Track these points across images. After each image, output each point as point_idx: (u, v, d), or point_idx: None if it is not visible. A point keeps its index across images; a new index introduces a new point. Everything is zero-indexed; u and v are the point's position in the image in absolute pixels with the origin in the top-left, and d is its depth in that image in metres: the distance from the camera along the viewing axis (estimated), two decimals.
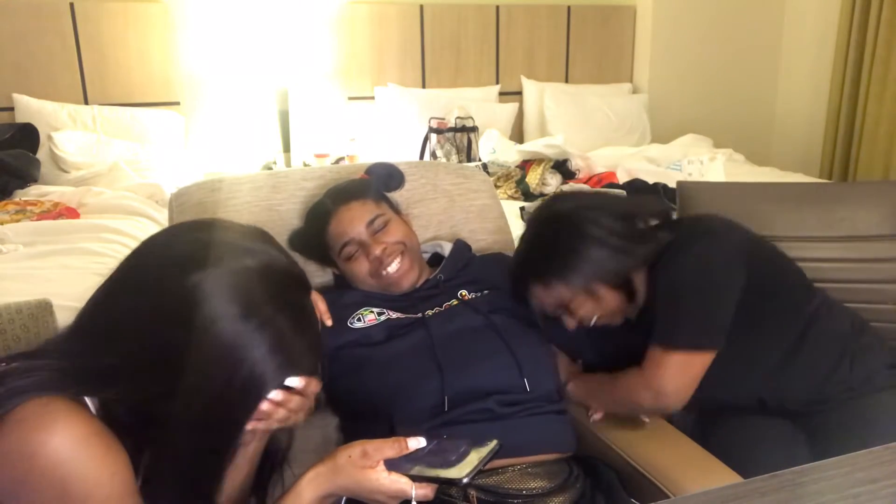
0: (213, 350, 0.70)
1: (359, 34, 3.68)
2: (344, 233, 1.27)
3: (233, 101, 3.46)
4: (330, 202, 1.31)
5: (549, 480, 1.13)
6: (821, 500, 0.76)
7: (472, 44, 3.92)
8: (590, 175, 3.11)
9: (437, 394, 1.13)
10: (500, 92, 3.99)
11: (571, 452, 1.22)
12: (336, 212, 1.29)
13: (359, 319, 1.24)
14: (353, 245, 1.27)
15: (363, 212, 1.28)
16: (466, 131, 3.47)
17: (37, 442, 0.66)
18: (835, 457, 0.82)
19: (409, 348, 1.18)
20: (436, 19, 3.81)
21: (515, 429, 1.15)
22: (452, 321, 1.23)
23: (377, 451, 0.82)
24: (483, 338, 1.21)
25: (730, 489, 0.79)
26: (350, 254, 1.27)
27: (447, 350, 1.17)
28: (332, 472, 0.82)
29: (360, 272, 1.27)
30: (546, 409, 1.19)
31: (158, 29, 3.31)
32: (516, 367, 1.17)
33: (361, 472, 0.81)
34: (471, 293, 1.31)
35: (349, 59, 3.69)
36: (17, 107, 3.10)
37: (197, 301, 0.70)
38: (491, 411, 1.14)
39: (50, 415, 0.68)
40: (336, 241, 1.28)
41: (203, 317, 0.70)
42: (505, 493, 1.10)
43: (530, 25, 4.01)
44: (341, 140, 3.55)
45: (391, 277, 1.26)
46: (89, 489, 0.68)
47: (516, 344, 1.20)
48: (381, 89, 3.71)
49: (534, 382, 1.18)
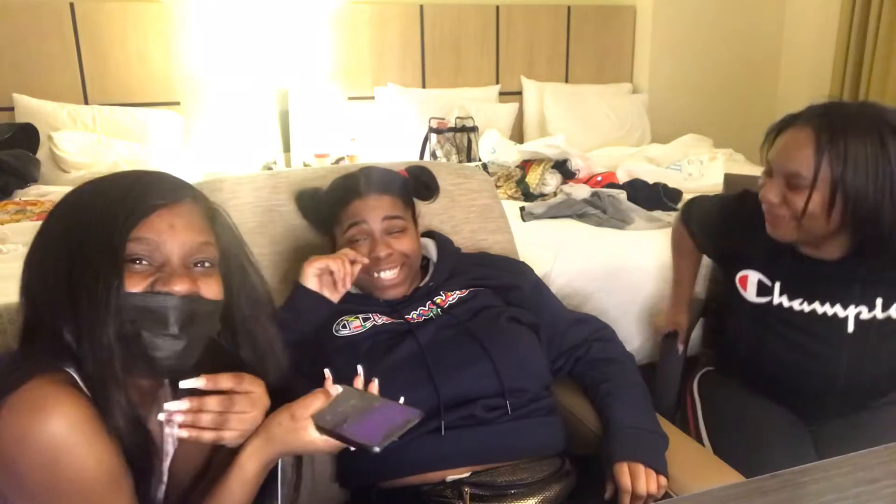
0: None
1: (359, 34, 3.68)
2: (361, 216, 1.24)
3: (233, 101, 3.46)
4: (363, 181, 1.28)
5: (541, 472, 1.14)
6: (821, 499, 0.76)
7: (472, 44, 3.92)
8: (590, 175, 3.11)
9: (431, 399, 1.13)
10: (500, 92, 3.99)
11: (561, 450, 1.22)
12: (365, 193, 1.26)
13: (344, 326, 1.23)
14: (363, 232, 1.25)
15: (389, 207, 1.26)
16: (466, 131, 3.47)
17: (28, 425, 0.68)
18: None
19: (399, 360, 1.17)
20: (436, 19, 3.81)
21: (502, 433, 1.15)
22: (438, 331, 1.22)
23: (304, 408, 0.84)
24: (464, 345, 1.20)
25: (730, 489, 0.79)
26: (354, 237, 1.25)
27: (435, 359, 1.17)
28: (267, 441, 0.84)
29: (355, 253, 1.24)
30: (531, 409, 1.19)
31: (158, 29, 3.31)
32: (495, 374, 1.17)
33: (294, 435, 0.83)
34: (451, 292, 1.30)
35: (349, 59, 3.69)
36: (17, 107, 3.10)
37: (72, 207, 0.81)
38: (475, 417, 1.14)
39: (42, 399, 0.69)
40: (348, 219, 1.25)
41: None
42: (498, 485, 1.11)
43: (530, 25, 4.01)
44: (341, 140, 3.55)
45: (380, 282, 1.25)
46: (78, 472, 0.70)
47: (495, 350, 1.19)
48: (381, 89, 3.71)
49: (514, 386, 1.18)
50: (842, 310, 1.24)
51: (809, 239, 1.25)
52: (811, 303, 1.27)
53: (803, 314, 1.28)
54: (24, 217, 2.39)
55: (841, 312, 1.25)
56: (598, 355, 1.33)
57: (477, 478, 1.12)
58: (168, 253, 0.79)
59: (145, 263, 0.78)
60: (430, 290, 1.30)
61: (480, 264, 1.40)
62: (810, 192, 1.17)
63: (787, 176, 1.20)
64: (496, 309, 1.28)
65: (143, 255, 0.78)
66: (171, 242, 0.79)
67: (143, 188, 0.81)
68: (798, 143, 1.19)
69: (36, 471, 0.68)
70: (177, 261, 0.80)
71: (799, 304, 1.28)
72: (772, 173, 1.25)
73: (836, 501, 0.75)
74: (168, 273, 0.78)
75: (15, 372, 0.71)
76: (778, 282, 1.31)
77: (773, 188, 1.22)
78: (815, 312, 1.26)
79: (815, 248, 1.27)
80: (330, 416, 0.83)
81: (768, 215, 1.26)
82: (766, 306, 1.32)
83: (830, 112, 1.20)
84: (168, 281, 0.78)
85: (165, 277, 0.78)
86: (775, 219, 1.25)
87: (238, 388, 0.83)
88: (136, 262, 0.78)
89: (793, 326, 1.30)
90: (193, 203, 0.84)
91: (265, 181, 1.45)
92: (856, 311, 1.24)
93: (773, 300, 1.31)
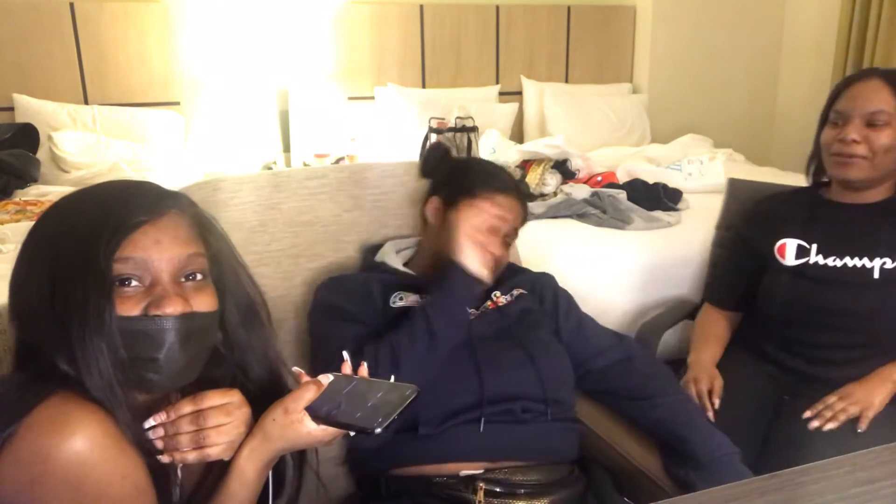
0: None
1: (359, 34, 3.68)
2: (503, 214, 1.27)
3: (233, 101, 3.46)
4: (514, 183, 1.35)
5: (554, 475, 1.15)
6: (821, 499, 0.76)
7: (472, 44, 3.92)
8: (590, 175, 3.11)
9: (474, 394, 1.15)
10: (500, 92, 3.99)
11: (574, 457, 1.23)
12: (511, 197, 1.30)
13: (401, 299, 1.25)
14: (494, 226, 1.26)
15: (518, 216, 1.32)
16: (466, 131, 3.47)
17: (51, 444, 0.67)
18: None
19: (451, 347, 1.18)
20: (436, 19, 3.81)
21: (534, 434, 1.17)
22: (490, 326, 1.25)
23: (296, 401, 0.82)
24: (512, 347, 1.22)
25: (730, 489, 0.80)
26: (484, 226, 1.25)
27: (485, 353, 1.19)
28: (264, 440, 0.82)
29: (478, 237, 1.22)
30: (560, 417, 1.21)
31: (158, 29, 3.31)
32: (538, 380, 1.19)
33: (290, 429, 0.81)
34: (503, 295, 1.32)
35: (349, 59, 3.69)
36: (17, 107, 3.10)
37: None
38: (513, 413, 1.16)
39: (64, 416, 0.68)
40: (491, 206, 1.27)
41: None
42: (512, 483, 1.12)
43: (530, 25, 4.01)
44: (341, 140, 3.55)
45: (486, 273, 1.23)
46: (105, 489, 0.69)
47: (540, 358, 1.21)
48: (381, 89, 3.71)
49: (555, 397, 1.20)
50: (868, 261, 1.40)
51: (874, 177, 1.41)
52: (842, 258, 1.43)
53: (836, 269, 1.43)
54: (24, 217, 2.39)
55: (868, 263, 1.40)
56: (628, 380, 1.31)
57: (491, 475, 1.12)
58: (157, 270, 0.77)
59: (135, 284, 0.76)
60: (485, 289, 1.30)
61: (516, 269, 1.43)
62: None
63: (869, 115, 1.38)
64: (537, 315, 1.31)
65: (131, 274, 0.76)
66: (158, 259, 0.77)
67: (125, 203, 0.78)
68: (874, 88, 1.39)
69: (61, 489, 0.67)
70: (167, 278, 0.77)
71: (832, 260, 1.44)
72: (846, 120, 1.41)
73: (836, 501, 0.75)
74: (159, 295, 0.76)
75: (30, 390, 0.70)
76: (815, 244, 1.46)
77: (853, 129, 1.39)
78: (846, 266, 1.42)
79: (863, 191, 1.45)
80: (324, 405, 0.82)
81: (840, 157, 1.41)
82: (803, 267, 1.46)
83: (887, 70, 1.44)
84: (160, 303, 0.75)
85: (157, 300, 0.76)
86: (850, 158, 1.40)
87: (203, 406, 0.80)
88: (125, 284, 0.75)
89: (825, 281, 1.43)
90: (179, 214, 0.82)
91: (266, 181, 1.45)
92: (881, 261, 1.40)
93: (810, 260, 1.46)
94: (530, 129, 4.01)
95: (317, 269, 1.42)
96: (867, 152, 1.38)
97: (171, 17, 3.35)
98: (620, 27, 4.21)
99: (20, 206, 2.48)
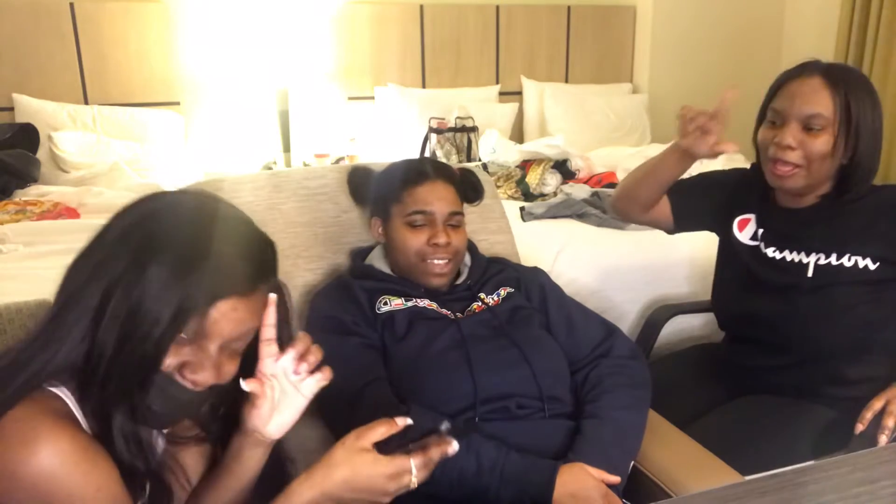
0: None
1: (359, 34, 3.68)
2: (428, 203, 1.27)
3: (233, 101, 3.46)
4: (432, 170, 1.32)
5: None
6: (821, 499, 0.76)
7: (472, 44, 3.92)
8: (590, 175, 3.11)
9: (468, 398, 1.16)
10: (500, 92, 3.99)
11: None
12: (434, 181, 1.29)
13: (385, 304, 1.26)
14: (427, 218, 1.27)
15: (453, 201, 1.30)
16: (466, 131, 3.47)
17: (18, 460, 0.65)
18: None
19: (442, 348, 1.20)
20: (436, 19, 3.81)
21: (531, 429, 1.17)
22: (481, 326, 1.25)
23: (368, 433, 0.81)
24: (505, 347, 1.23)
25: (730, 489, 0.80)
26: (416, 223, 1.27)
27: (477, 351, 1.20)
28: (328, 466, 0.79)
29: (413, 243, 1.26)
30: (557, 413, 1.21)
31: (158, 29, 3.31)
32: (533, 378, 1.20)
33: (358, 456, 0.79)
34: (489, 296, 1.32)
35: (349, 59, 3.69)
36: (17, 107, 3.10)
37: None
38: (508, 410, 1.17)
39: (32, 430, 0.66)
40: (412, 204, 1.27)
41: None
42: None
43: (530, 25, 4.01)
44: (341, 140, 3.55)
45: (432, 267, 1.27)
46: (77, 503, 0.67)
47: (533, 356, 1.22)
48: (381, 89, 3.71)
49: (550, 394, 1.20)
50: (805, 257, 1.37)
51: (810, 183, 1.33)
52: (782, 251, 1.40)
53: (775, 261, 1.41)
54: (24, 217, 2.39)
55: (804, 259, 1.37)
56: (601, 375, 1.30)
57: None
58: (214, 340, 0.74)
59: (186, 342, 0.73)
60: (470, 288, 1.33)
61: (500, 267, 1.42)
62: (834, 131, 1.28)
63: (805, 118, 1.29)
64: (527, 310, 1.31)
65: (189, 339, 0.73)
66: (222, 337, 0.74)
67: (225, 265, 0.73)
68: (813, 88, 1.30)
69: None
70: (215, 349, 0.74)
71: (772, 251, 1.41)
72: (783, 121, 1.33)
73: (836, 501, 0.75)
74: (199, 361, 0.73)
75: (1, 391, 0.68)
76: (762, 229, 1.44)
77: (789, 133, 1.30)
78: (785, 259, 1.40)
79: (799, 196, 1.38)
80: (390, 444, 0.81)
81: (774, 163, 1.34)
82: (756, 250, 1.44)
83: (830, 65, 1.34)
84: (196, 369, 0.73)
85: (194, 366, 0.73)
86: (783, 165, 1.32)
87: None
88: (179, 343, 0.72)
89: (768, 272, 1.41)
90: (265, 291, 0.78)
91: (265, 181, 1.45)
92: (816, 257, 1.36)
93: (762, 247, 1.43)
94: (530, 129, 4.01)
95: (316, 270, 1.42)
96: (801, 160, 1.30)
97: (171, 17, 3.35)
98: (620, 27, 4.21)
99: (20, 206, 2.48)
